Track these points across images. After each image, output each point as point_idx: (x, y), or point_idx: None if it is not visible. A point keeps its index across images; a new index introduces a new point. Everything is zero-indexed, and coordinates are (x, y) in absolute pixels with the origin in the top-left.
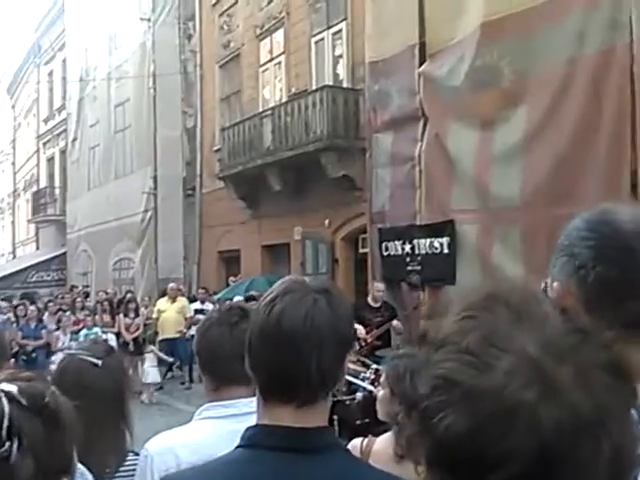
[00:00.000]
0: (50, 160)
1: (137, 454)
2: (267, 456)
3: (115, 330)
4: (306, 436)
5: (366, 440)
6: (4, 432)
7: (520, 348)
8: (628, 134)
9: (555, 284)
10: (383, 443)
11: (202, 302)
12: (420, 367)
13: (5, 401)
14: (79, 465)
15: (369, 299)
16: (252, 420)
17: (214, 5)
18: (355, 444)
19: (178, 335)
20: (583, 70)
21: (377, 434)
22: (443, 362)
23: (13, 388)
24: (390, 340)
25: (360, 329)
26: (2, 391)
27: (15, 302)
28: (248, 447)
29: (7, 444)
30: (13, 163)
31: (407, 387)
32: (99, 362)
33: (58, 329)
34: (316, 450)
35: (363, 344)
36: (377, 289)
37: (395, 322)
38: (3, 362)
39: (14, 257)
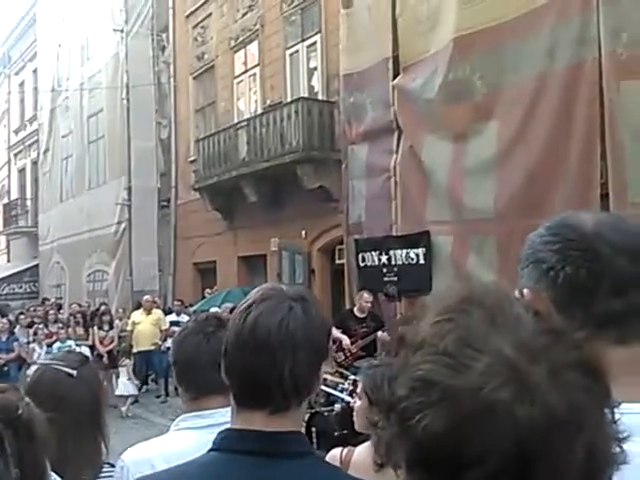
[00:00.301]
0: (21, 171)
1: (112, 465)
2: (239, 460)
3: (89, 343)
4: (278, 440)
5: (345, 450)
6: None
7: (495, 349)
8: (597, 146)
9: (525, 291)
10: (362, 453)
11: (178, 314)
12: (398, 373)
13: None
14: (54, 476)
15: (355, 309)
16: None
17: (188, 17)
18: (334, 454)
19: (153, 347)
20: (553, 85)
21: (356, 445)
22: (421, 364)
23: None
24: (375, 351)
25: (345, 339)
26: None
27: None
28: (220, 451)
29: None
30: None
31: (385, 394)
32: (74, 372)
33: (33, 342)
34: (288, 455)
35: (348, 354)
36: (365, 299)
37: (381, 333)
38: None
39: (9, 261)
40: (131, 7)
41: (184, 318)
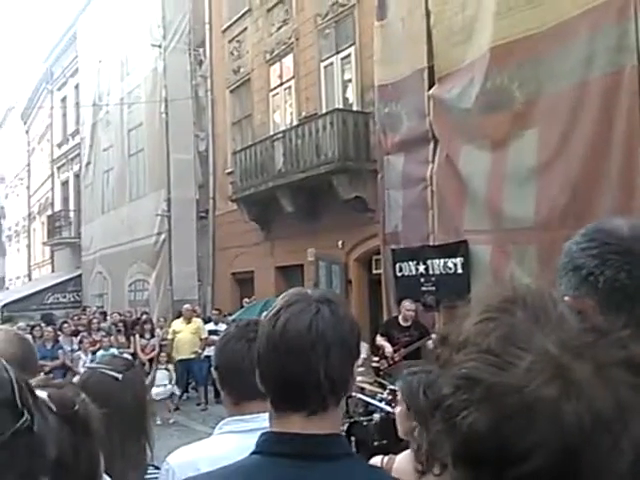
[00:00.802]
0: (64, 184)
1: (157, 468)
2: (279, 462)
3: (131, 350)
4: (317, 443)
5: (386, 458)
6: (18, 400)
7: (540, 347)
8: (639, 153)
9: (566, 298)
10: (403, 461)
11: (216, 323)
12: (441, 372)
13: (8, 367)
14: (105, 476)
15: (400, 318)
16: None
17: (224, 31)
18: (375, 462)
19: (193, 356)
20: (592, 93)
21: (396, 454)
22: (465, 362)
23: (43, 394)
24: (419, 359)
25: (387, 347)
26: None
27: (32, 323)
28: (261, 453)
29: (26, 412)
30: (28, 187)
31: (420, 402)
32: (119, 376)
33: (79, 349)
34: (328, 457)
35: (390, 362)
36: (407, 308)
37: (430, 341)
38: (32, 372)
39: (30, 279)
40: (169, 23)
41: (222, 327)
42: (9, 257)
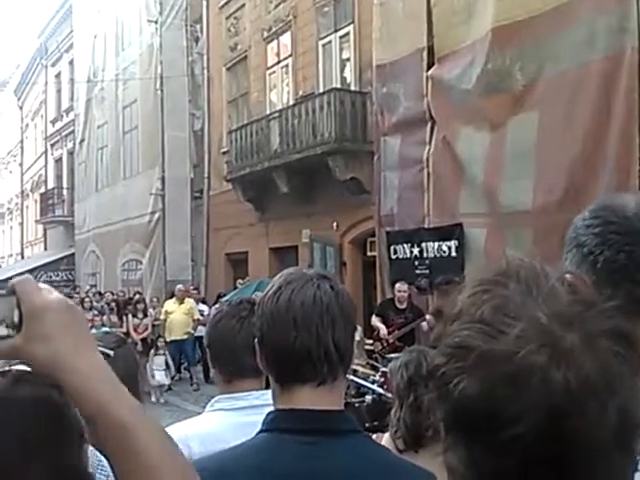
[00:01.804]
0: (58, 161)
1: None
2: (290, 439)
3: (123, 330)
4: (327, 418)
5: (374, 436)
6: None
7: (530, 316)
8: (636, 136)
9: (567, 275)
10: (389, 439)
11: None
12: (435, 343)
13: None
14: (97, 454)
15: (396, 300)
16: (263, 412)
17: (221, 8)
18: None
19: (186, 337)
20: (592, 75)
21: (384, 434)
22: (458, 332)
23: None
24: (412, 341)
25: (382, 329)
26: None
27: None
28: (270, 431)
29: None
30: (21, 164)
31: (398, 381)
32: (111, 352)
33: None
34: (340, 432)
35: (385, 344)
36: (398, 289)
37: (428, 318)
38: None
39: (22, 257)
40: None
41: (202, 307)
42: (1, 235)
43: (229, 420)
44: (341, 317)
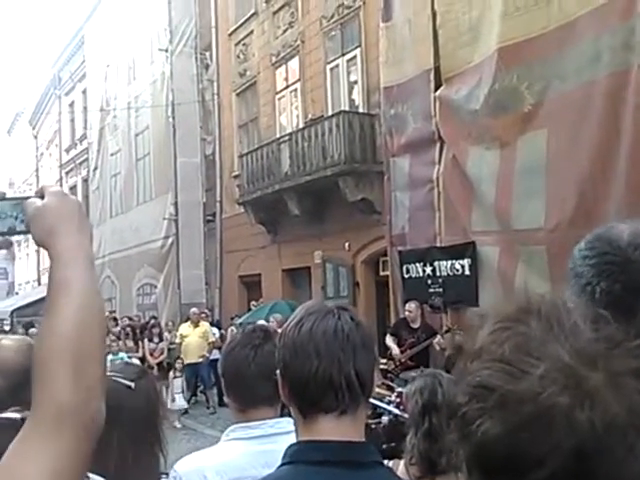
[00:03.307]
0: (72, 189)
1: (167, 474)
2: (314, 471)
3: (139, 355)
4: (352, 450)
5: (391, 462)
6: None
7: (553, 355)
8: None
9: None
10: (403, 467)
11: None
12: (456, 381)
13: None
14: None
15: (408, 319)
16: (277, 441)
17: (230, 35)
18: None
19: (201, 360)
20: (599, 92)
21: (401, 459)
22: (479, 371)
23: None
24: (426, 360)
25: (394, 348)
26: None
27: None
28: (293, 463)
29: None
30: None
31: (413, 407)
32: (132, 384)
33: None
34: (363, 465)
35: (397, 363)
36: (408, 309)
37: (438, 338)
38: None
39: (39, 284)
40: (175, 27)
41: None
42: (18, 262)
43: (244, 449)
44: (362, 347)
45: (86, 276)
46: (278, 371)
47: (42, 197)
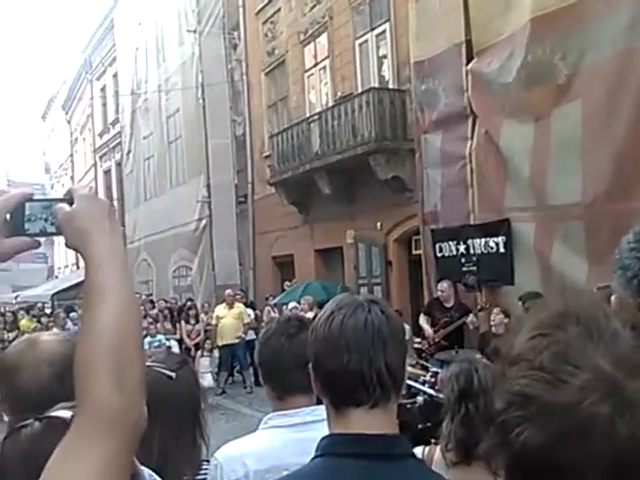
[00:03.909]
0: (107, 173)
1: (208, 461)
2: (346, 464)
3: (177, 337)
4: (384, 442)
5: (427, 448)
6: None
7: (593, 364)
8: None
9: (613, 298)
10: (439, 453)
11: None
12: (494, 385)
13: None
14: (153, 475)
15: (442, 299)
16: (315, 428)
17: (257, 14)
18: (417, 452)
19: (237, 340)
20: (636, 61)
21: (439, 437)
22: (518, 379)
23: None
24: (461, 339)
25: (427, 329)
26: None
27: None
28: (326, 456)
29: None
30: (72, 177)
31: (449, 393)
32: (173, 374)
33: None
34: (393, 457)
35: (431, 343)
36: (440, 288)
37: (471, 317)
38: None
39: (78, 268)
40: (203, 7)
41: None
42: (57, 246)
43: (283, 437)
44: (392, 340)
45: (122, 278)
46: (310, 365)
47: (71, 200)
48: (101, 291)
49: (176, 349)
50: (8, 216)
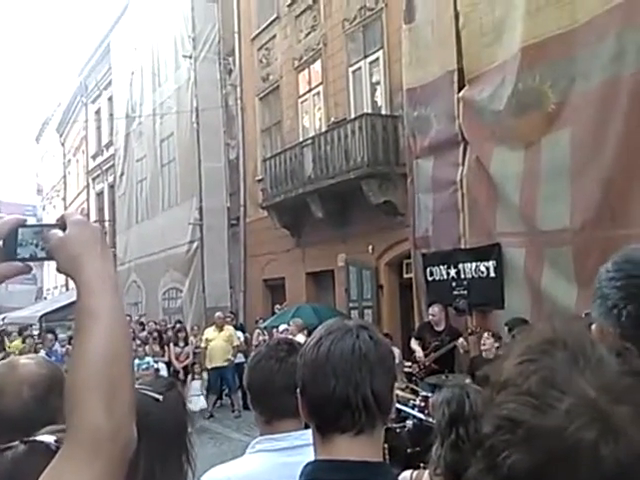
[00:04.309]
0: (99, 195)
1: None
2: None
3: (165, 359)
4: (368, 470)
5: (415, 472)
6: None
7: (579, 390)
8: None
9: (593, 326)
10: (428, 477)
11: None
12: (482, 410)
13: None
14: None
15: (433, 322)
16: (303, 453)
17: (253, 40)
18: (405, 476)
19: (226, 363)
20: (624, 90)
21: (428, 462)
22: (505, 403)
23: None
24: (452, 363)
25: (419, 351)
26: None
27: (70, 333)
28: None
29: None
30: (64, 199)
31: (440, 418)
32: (160, 397)
33: None
34: None
35: (422, 367)
36: (431, 312)
37: (461, 340)
38: (60, 390)
39: (67, 289)
40: (199, 33)
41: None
42: (46, 267)
43: (270, 461)
44: (379, 366)
45: (113, 303)
46: (298, 390)
47: (64, 225)
48: (92, 315)
49: (164, 372)
50: (1, 242)
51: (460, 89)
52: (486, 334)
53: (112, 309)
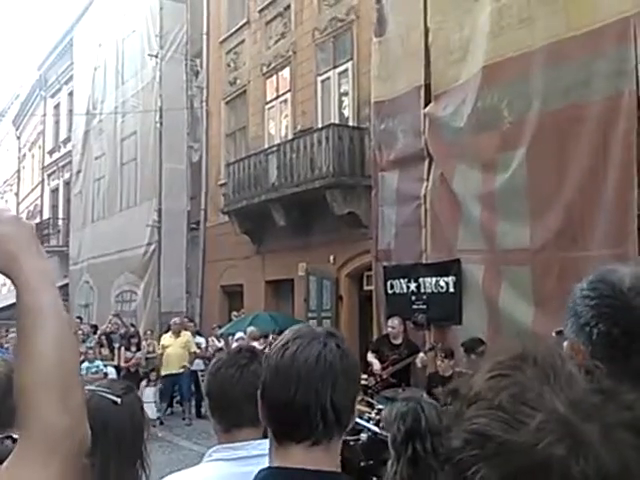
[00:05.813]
0: (54, 191)
1: None
2: None
3: (114, 363)
4: (319, 479)
5: None
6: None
7: (550, 406)
8: (635, 177)
9: (565, 343)
10: None
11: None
12: (451, 424)
13: None
14: None
15: (390, 336)
16: (261, 462)
17: (222, 43)
18: None
19: (182, 370)
20: (588, 115)
21: (381, 476)
22: (475, 418)
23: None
24: (408, 377)
25: (376, 364)
26: None
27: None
28: None
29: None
30: (17, 193)
31: (395, 433)
32: (118, 400)
33: None
34: None
35: (378, 380)
36: (390, 324)
37: (421, 355)
38: None
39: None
40: (166, 33)
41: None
42: None
43: (227, 470)
44: (343, 377)
45: (55, 300)
46: (259, 392)
47: None
48: (37, 314)
49: (113, 376)
50: None
51: (427, 105)
52: (440, 353)
53: (55, 306)
